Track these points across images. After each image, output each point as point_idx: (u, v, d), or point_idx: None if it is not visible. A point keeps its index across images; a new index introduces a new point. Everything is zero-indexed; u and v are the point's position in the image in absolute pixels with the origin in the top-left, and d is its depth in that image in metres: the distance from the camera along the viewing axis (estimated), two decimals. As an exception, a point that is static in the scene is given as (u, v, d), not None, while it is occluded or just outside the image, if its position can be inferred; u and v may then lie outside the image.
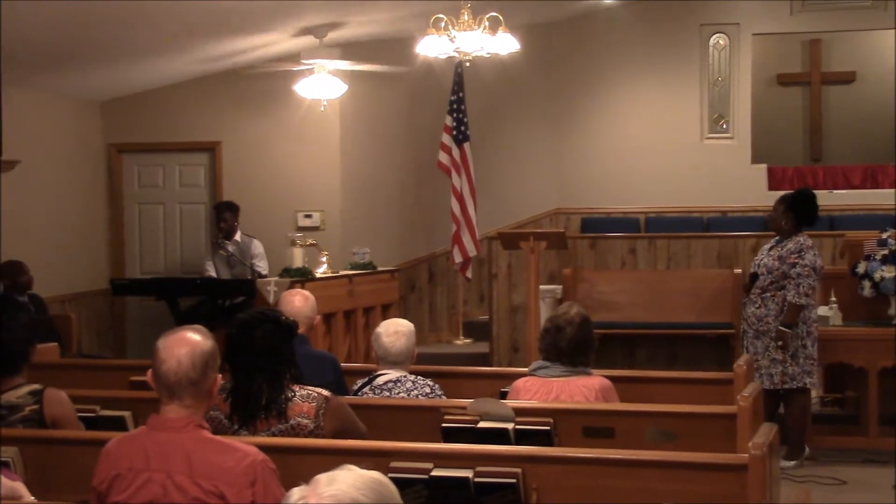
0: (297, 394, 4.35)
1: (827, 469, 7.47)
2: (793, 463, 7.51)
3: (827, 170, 13.57)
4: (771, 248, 7.78)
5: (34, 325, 4.93)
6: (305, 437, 4.29)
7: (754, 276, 7.74)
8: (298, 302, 5.57)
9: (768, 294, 7.65)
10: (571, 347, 5.16)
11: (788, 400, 7.68)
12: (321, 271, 9.69)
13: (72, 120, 10.96)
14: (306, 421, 4.32)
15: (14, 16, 7.41)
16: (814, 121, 14.55)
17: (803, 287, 7.52)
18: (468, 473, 3.96)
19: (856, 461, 7.67)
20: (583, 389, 5.09)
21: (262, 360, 4.30)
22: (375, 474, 2.05)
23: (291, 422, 4.30)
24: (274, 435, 4.27)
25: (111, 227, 11.36)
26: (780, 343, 7.52)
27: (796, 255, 7.58)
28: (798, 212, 7.72)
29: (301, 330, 5.01)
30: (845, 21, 12.93)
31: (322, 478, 2.03)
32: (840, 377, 8.41)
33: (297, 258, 9.51)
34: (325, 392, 4.43)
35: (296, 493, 2.03)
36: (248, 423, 4.28)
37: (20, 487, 3.68)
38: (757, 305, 7.69)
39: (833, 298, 8.17)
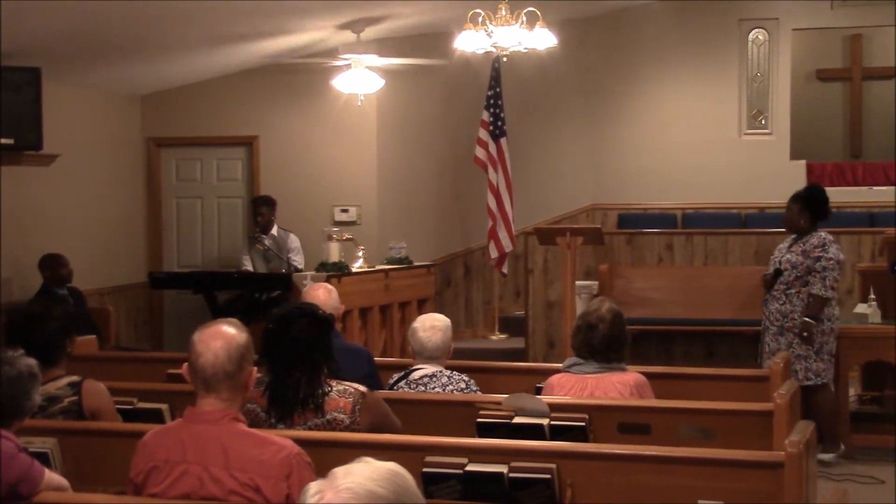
0: (334, 389, 4.37)
1: (865, 467, 7.41)
2: (832, 455, 7.48)
3: (867, 166, 13.46)
4: (791, 246, 7.73)
5: (71, 317, 4.98)
6: (341, 431, 4.30)
7: (777, 273, 7.68)
8: (323, 295, 5.61)
9: (793, 290, 7.60)
10: (605, 344, 5.14)
11: (813, 398, 7.61)
12: (357, 266, 9.72)
13: (111, 114, 11.04)
14: (342, 416, 4.33)
15: (54, 11, 7.47)
16: (854, 116, 14.43)
17: (829, 280, 7.50)
18: (503, 468, 3.96)
19: (894, 460, 7.59)
20: (618, 385, 5.08)
21: (299, 354, 4.32)
22: (392, 465, 2.04)
23: (328, 416, 4.32)
24: (310, 429, 4.28)
25: (149, 221, 11.44)
26: (805, 335, 7.47)
27: (820, 249, 7.55)
28: (813, 209, 7.69)
29: (330, 323, 5.03)
30: (886, 16, 12.79)
31: (338, 471, 2.02)
32: (879, 375, 8.34)
33: (334, 252, 9.54)
34: (362, 388, 4.44)
35: (313, 486, 2.02)
36: (285, 417, 4.30)
37: (66, 482, 3.72)
38: (781, 302, 7.64)
39: (872, 296, 8.10)
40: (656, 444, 4.43)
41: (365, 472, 2.01)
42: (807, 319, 7.49)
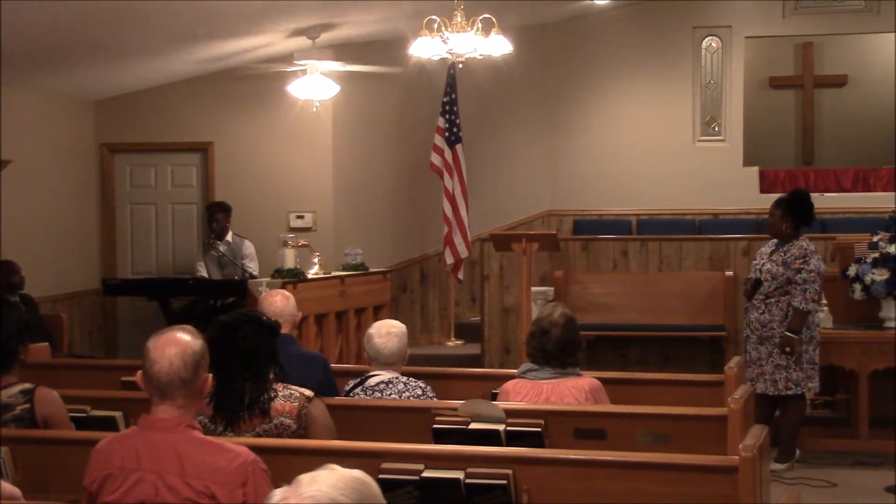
0: (280, 393, 4.36)
1: (818, 471, 7.48)
2: (784, 465, 7.52)
3: (818, 172, 13.59)
4: (772, 253, 7.70)
5: (24, 324, 4.93)
6: (289, 437, 4.29)
7: (758, 282, 7.65)
8: (280, 302, 5.60)
9: (772, 300, 7.58)
10: (558, 349, 5.15)
11: (787, 404, 7.66)
12: (313, 272, 9.68)
13: (64, 119, 10.95)
14: (289, 421, 4.33)
15: (8, 15, 7.40)
16: (805, 124, 14.57)
17: (810, 293, 7.47)
18: (459, 474, 3.97)
19: (846, 463, 7.68)
20: (573, 390, 5.09)
21: (245, 361, 4.30)
22: (357, 473, 2.04)
23: (275, 421, 4.31)
24: (258, 435, 4.27)
25: (103, 227, 11.34)
26: (787, 350, 7.46)
27: (801, 261, 7.52)
28: (797, 215, 7.67)
29: (285, 329, 5.02)
30: (837, 24, 12.96)
31: (304, 478, 2.02)
32: (831, 380, 8.41)
33: (289, 259, 9.50)
34: (308, 392, 4.44)
35: (277, 493, 2.02)
36: (231, 423, 4.28)
37: (17, 490, 3.68)
38: (760, 311, 7.62)
39: (824, 301, 8.16)
40: (612, 450, 4.45)
41: (330, 480, 2.01)
42: (788, 334, 7.48)
